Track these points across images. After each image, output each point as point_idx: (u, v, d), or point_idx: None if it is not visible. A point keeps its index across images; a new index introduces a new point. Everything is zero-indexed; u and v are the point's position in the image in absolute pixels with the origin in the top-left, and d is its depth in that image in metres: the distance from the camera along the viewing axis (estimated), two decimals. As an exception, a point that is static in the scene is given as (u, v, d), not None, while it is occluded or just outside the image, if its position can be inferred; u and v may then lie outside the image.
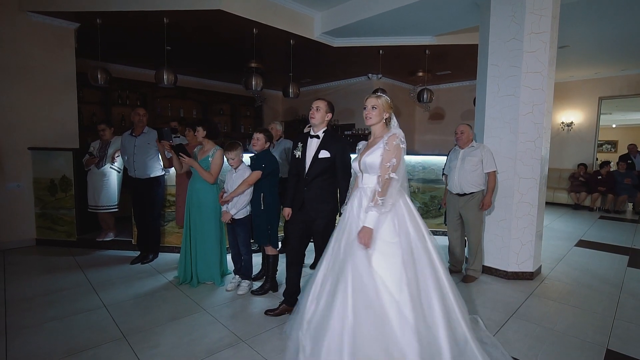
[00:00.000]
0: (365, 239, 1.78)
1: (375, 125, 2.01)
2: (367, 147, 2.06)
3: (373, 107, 1.98)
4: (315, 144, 2.38)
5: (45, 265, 3.66)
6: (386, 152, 1.88)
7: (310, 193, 2.38)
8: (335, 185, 2.42)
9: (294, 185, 2.51)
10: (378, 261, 1.79)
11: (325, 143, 2.37)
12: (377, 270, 1.77)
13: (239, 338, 2.27)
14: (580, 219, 6.46)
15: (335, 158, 2.36)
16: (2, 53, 4.01)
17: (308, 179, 2.38)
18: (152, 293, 2.97)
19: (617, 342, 2.29)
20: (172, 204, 3.99)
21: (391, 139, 1.89)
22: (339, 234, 1.98)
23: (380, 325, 1.66)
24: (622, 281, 3.39)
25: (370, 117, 1.99)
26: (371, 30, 4.84)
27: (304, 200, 2.39)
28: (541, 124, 3.28)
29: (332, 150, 2.36)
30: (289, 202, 2.53)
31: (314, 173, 2.36)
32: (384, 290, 1.72)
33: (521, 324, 2.52)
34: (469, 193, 3.27)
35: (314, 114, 2.35)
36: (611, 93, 7.74)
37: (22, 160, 4.18)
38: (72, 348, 2.13)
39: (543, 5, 3.18)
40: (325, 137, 2.39)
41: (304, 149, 2.41)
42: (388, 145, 1.88)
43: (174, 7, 3.91)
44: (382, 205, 1.83)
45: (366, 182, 1.98)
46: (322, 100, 2.40)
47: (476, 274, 3.36)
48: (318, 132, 2.40)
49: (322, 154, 2.35)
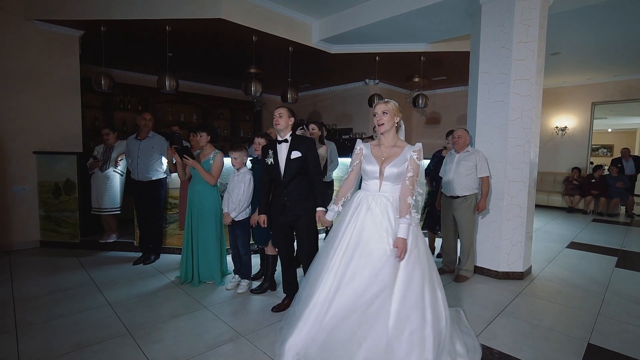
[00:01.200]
0: (402, 250, 1.85)
1: (388, 131, 2.02)
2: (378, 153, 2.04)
3: (384, 112, 1.99)
4: (285, 147, 2.53)
5: (50, 265, 3.76)
6: (415, 166, 1.95)
7: (291, 194, 2.51)
8: (309, 182, 2.55)
9: (266, 192, 2.65)
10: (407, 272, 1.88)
11: (294, 144, 2.52)
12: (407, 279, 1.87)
13: (238, 333, 2.38)
14: (574, 222, 6.58)
15: (306, 156, 2.50)
16: (9, 60, 4.13)
17: (286, 181, 2.51)
18: (154, 292, 3.08)
19: (598, 337, 2.40)
20: (173, 207, 4.11)
21: (419, 155, 1.96)
22: (346, 235, 1.97)
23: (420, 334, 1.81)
24: (609, 281, 3.50)
25: (383, 123, 1.99)
26: (368, 38, 4.99)
27: (285, 202, 2.52)
28: (530, 129, 3.42)
29: (303, 149, 2.50)
30: (263, 208, 2.67)
31: (291, 174, 2.50)
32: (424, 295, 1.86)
33: (509, 321, 2.63)
34: (462, 196, 3.38)
35: (278, 120, 2.51)
36: (604, 98, 7.90)
37: (27, 164, 4.29)
38: (80, 342, 2.23)
39: (530, 15, 3.32)
40: (293, 139, 2.55)
41: (275, 155, 2.55)
42: (419, 160, 1.95)
43: (176, 15, 4.04)
44: (415, 217, 1.92)
45: (386, 191, 2.00)
46: (283, 107, 2.57)
47: (468, 274, 3.47)
48: (285, 136, 2.56)
49: (294, 155, 2.49)
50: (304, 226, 2.53)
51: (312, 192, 2.54)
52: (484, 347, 2.22)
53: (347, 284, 1.89)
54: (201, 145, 3.26)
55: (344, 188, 2.20)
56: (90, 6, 4.13)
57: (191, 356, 2.11)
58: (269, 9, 4.41)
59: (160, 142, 3.80)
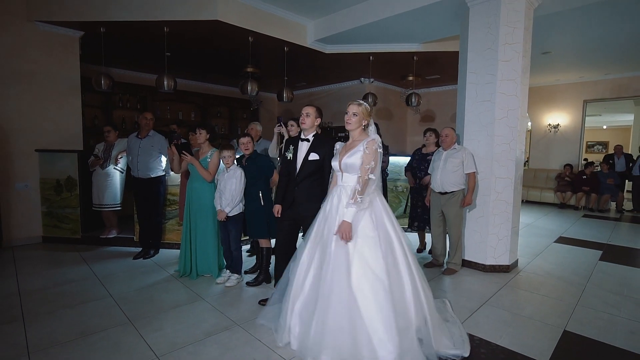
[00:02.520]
0: (345, 233, 2.02)
1: (354, 130, 2.24)
2: (345, 148, 2.26)
3: (354, 114, 2.21)
4: (306, 147, 2.60)
5: (53, 260, 3.89)
6: (366, 156, 2.11)
7: (301, 192, 2.60)
8: (323, 185, 2.62)
9: (284, 184, 2.73)
10: (361, 253, 2.02)
11: (315, 146, 2.58)
12: (361, 262, 2.00)
13: (234, 322, 2.51)
14: (564, 218, 6.74)
15: (324, 160, 2.57)
16: (11, 60, 4.24)
17: (298, 179, 2.60)
18: (154, 285, 3.21)
19: (574, 324, 2.55)
20: (172, 203, 4.23)
21: (370, 144, 2.12)
22: (319, 226, 2.22)
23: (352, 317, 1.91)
24: (591, 273, 3.65)
25: (350, 123, 2.22)
26: (361, 38, 5.10)
27: (294, 198, 2.62)
28: (516, 128, 3.55)
29: (321, 153, 2.57)
30: (280, 199, 2.77)
31: (304, 174, 2.59)
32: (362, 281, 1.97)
33: (492, 310, 2.78)
34: (449, 192, 3.52)
35: (305, 119, 2.56)
36: (595, 96, 8.04)
37: (29, 161, 4.41)
38: (85, 331, 2.37)
39: (516, 18, 3.44)
40: (315, 141, 2.60)
41: (294, 152, 2.64)
42: (368, 150, 2.11)
43: (173, 17, 4.15)
44: (361, 203, 2.07)
45: (346, 181, 2.20)
46: (311, 107, 2.61)
47: (456, 267, 3.61)
48: (308, 136, 2.61)
49: (311, 157, 2.56)
50: (307, 226, 2.53)
51: (322, 196, 2.56)
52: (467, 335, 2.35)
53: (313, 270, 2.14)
54: (200, 142, 3.38)
55: (331, 186, 2.40)
56: (90, 8, 4.23)
57: (189, 343, 2.24)
58: (264, 11, 4.52)
59: (160, 141, 3.91)
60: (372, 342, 1.87)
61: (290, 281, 2.23)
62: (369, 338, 1.88)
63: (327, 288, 1.97)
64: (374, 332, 1.88)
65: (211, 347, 2.20)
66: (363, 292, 1.94)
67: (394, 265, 2.06)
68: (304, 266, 2.20)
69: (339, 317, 1.92)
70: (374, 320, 1.90)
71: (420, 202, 4.04)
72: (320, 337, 1.93)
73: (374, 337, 1.88)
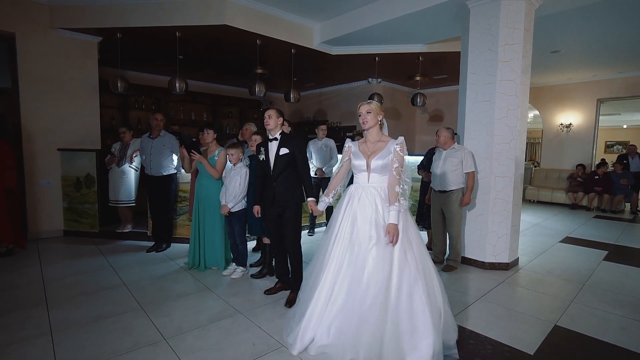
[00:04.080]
0: (395, 235, 1.99)
1: (372, 128, 2.23)
2: (368, 149, 2.21)
3: (367, 112, 2.20)
4: (275, 145, 2.81)
5: (73, 252, 4.16)
6: (400, 157, 2.14)
7: (279, 187, 2.78)
8: (297, 176, 2.82)
9: (260, 185, 2.93)
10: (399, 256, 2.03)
11: (283, 142, 2.79)
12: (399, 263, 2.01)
13: (237, 311, 2.68)
14: (574, 218, 6.66)
15: (294, 153, 2.77)
16: (36, 65, 4.53)
17: (275, 175, 2.79)
18: (164, 275, 3.41)
19: (566, 320, 2.61)
20: (183, 199, 4.44)
21: (402, 146, 2.16)
22: (346, 228, 2.14)
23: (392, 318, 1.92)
24: (593, 272, 3.66)
25: (367, 121, 2.20)
26: (366, 39, 5.21)
27: (274, 194, 2.79)
28: (515, 127, 3.59)
29: (290, 147, 2.77)
30: (258, 199, 2.96)
31: (279, 168, 2.78)
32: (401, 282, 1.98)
33: (485, 305, 2.85)
34: (448, 190, 3.60)
35: (268, 121, 2.80)
36: (609, 95, 7.89)
37: (52, 160, 4.70)
38: (100, 315, 2.58)
39: (516, 19, 3.49)
40: (283, 137, 2.81)
41: (266, 152, 2.84)
42: (402, 151, 2.15)
43: (184, 22, 4.36)
44: (403, 204, 2.10)
45: (373, 182, 2.18)
46: (272, 109, 2.84)
47: (455, 264, 3.69)
48: (275, 135, 2.83)
49: (282, 151, 2.77)
50: (289, 216, 2.79)
51: (299, 186, 2.81)
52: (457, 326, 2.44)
53: (344, 273, 2.09)
54: (207, 142, 3.57)
55: (334, 182, 2.45)
56: (108, 15, 4.49)
57: (194, 328, 2.42)
58: (271, 14, 4.68)
59: (171, 140, 4.12)
60: (412, 339, 1.93)
61: (314, 285, 2.17)
62: (409, 336, 1.93)
63: (370, 293, 1.96)
64: (414, 330, 1.94)
65: (214, 332, 2.37)
66: (405, 292, 1.98)
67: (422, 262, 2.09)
68: (333, 271, 2.13)
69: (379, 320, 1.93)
70: (415, 320, 1.95)
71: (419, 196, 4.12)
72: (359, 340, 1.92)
73: (414, 335, 1.93)
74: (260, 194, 2.94)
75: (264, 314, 2.62)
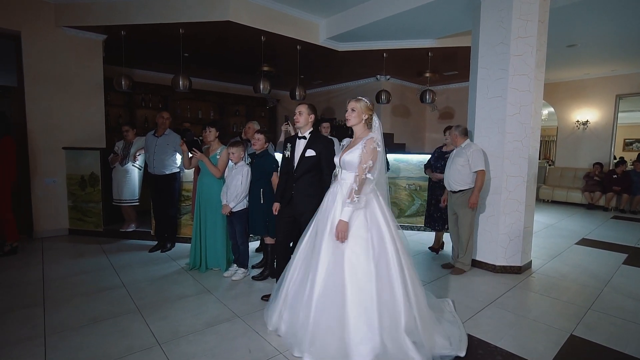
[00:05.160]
0: (341, 232, 2.01)
1: (356, 125, 2.22)
2: (349, 145, 2.27)
3: (352, 109, 2.20)
4: (303, 144, 2.64)
5: (76, 251, 4.15)
6: (364, 154, 2.09)
7: (298, 188, 2.63)
8: (321, 181, 2.64)
9: (284, 182, 2.77)
10: (350, 254, 2.02)
11: (312, 143, 2.62)
12: (350, 262, 2.01)
13: (235, 315, 2.60)
14: (591, 219, 6.40)
15: (320, 156, 2.60)
16: (42, 64, 4.54)
17: (296, 176, 2.64)
18: (165, 276, 3.36)
19: (582, 329, 2.44)
20: (187, 199, 4.39)
21: (369, 142, 2.10)
22: (317, 221, 2.25)
23: (339, 316, 1.93)
24: (611, 277, 3.47)
25: (349, 119, 2.22)
26: (373, 35, 5.07)
27: (292, 195, 2.65)
28: (528, 124, 3.42)
29: (318, 149, 2.60)
30: (279, 197, 2.82)
31: (302, 170, 2.62)
32: (350, 281, 1.98)
33: (496, 312, 2.71)
34: (458, 190, 3.44)
35: (298, 117, 2.62)
36: (629, 90, 7.55)
37: (57, 158, 4.71)
38: (96, 317, 2.53)
39: (530, 11, 3.31)
40: (312, 138, 2.64)
41: (292, 149, 2.68)
42: (366, 148, 2.09)
43: (188, 19, 4.30)
44: (358, 202, 2.05)
45: (344, 178, 2.20)
46: (304, 105, 2.65)
47: (464, 267, 3.53)
48: (305, 134, 2.66)
49: (308, 153, 2.60)
50: (304, 221, 2.56)
51: (320, 192, 2.56)
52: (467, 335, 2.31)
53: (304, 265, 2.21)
54: (209, 140, 3.50)
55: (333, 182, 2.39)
56: (112, 13, 4.46)
57: (190, 332, 2.35)
58: (275, 10, 4.58)
59: (175, 139, 4.07)
60: (355, 341, 1.90)
61: (286, 271, 2.32)
62: (353, 337, 1.90)
63: (317, 286, 2.01)
64: (357, 331, 1.91)
65: (210, 336, 2.29)
66: (351, 291, 1.95)
67: (385, 266, 2.03)
68: (299, 261, 2.26)
69: (327, 316, 1.95)
70: (358, 320, 1.92)
71: (434, 200, 3.97)
72: (308, 333, 1.97)
73: (356, 336, 1.90)
74: (282, 192, 2.77)
75: (262, 319, 2.52)
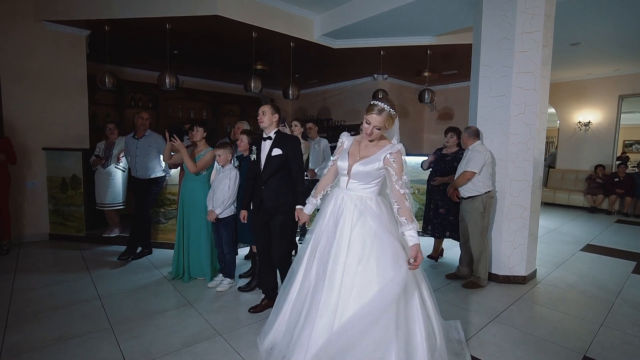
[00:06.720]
0: (419, 258, 1.75)
1: None
2: (359, 150, 1.94)
3: (377, 128, 1.84)
4: (268, 144, 2.51)
5: (54, 258, 3.91)
6: (397, 170, 1.82)
7: (268, 191, 2.49)
8: (290, 181, 2.50)
9: (251, 187, 2.62)
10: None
11: (278, 142, 2.50)
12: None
13: (216, 332, 2.37)
14: (594, 223, 6.21)
15: (287, 155, 2.47)
16: (20, 60, 4.30)
17: (264, 178, 2.49)
18: (145, 287, 3.13)
19: (597, 349, 2.23)
20: (172, 203, 4.16)
21: (398, 156, 1.83)
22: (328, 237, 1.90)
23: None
24: (622, 288, 3.26)
25: (371, 135, 1.87)
26: (370, 31, 4.85)
27: (262, 198, 2.49)
28: (534, 125, 3.21)
29: (284, 148, 2.47)
30: (245, 204, 2.65)
31: (270, 171, 2.48)
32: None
33: (500, 328, 2.49)
34: (466, 197, 3.21)
35: (262, 118, 2.50)
36: (633, 91, 7.37)
37: (37, 159, 4.47)
38: (63, 336, 2.29)
39: (535, 4, 3.10)
40: (277, 137, 2.52)
41: (258, 152, 2.53)
42: (396, 162, 1.82)
43: (173, 13, 4.07)
44: (414, 221, 1.80)
45: (352, 188, 1.92)
46: (266, 105, 2.56)
47: (480, 282, 3.19)
48: (270, 134, 2.53)
49: (274, 152, 2.47)
50: (277, 224, 2.48)
51: (290, 192, 2.49)
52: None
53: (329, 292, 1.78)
54: (196, 139, 3.28)
55: (323, 182, 2.15)
56: (95, 6, 4.22)
57: (165, 353, 2.12)
58: (266, 4, 4.36)
59: (157, 140, 3.84)
60: None
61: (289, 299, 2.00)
62: None
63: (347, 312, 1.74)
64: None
65: (186, 357, 2.07)
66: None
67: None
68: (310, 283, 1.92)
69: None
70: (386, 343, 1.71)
71: (433, 204, 3.75)
72: None
73: None
74: (249, 198, 2.64)
75: (246, 337, 2.31)
